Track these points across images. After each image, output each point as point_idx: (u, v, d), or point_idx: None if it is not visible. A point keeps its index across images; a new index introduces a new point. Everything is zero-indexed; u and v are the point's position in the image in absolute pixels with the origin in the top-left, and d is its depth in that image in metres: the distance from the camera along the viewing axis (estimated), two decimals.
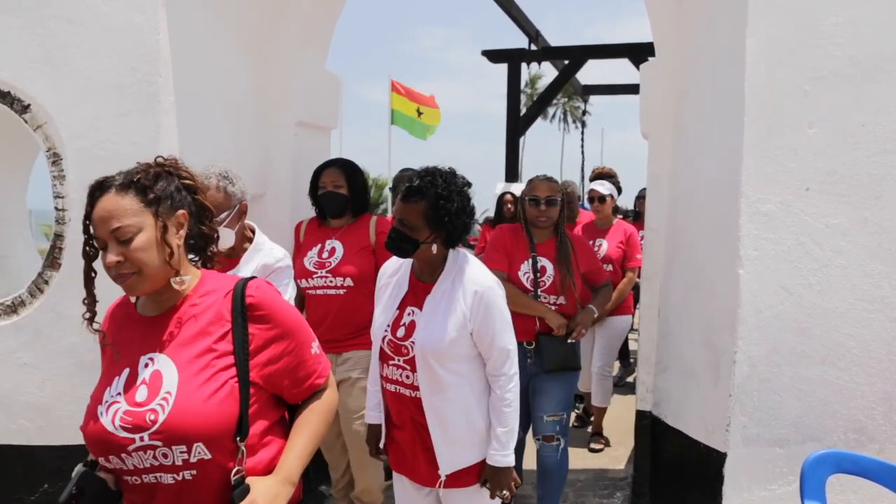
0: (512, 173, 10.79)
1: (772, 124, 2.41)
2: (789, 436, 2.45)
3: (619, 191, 4.66)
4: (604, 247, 4.26)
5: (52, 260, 2.76)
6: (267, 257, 2.46)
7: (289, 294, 2.49)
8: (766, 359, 2.44)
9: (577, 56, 10.33)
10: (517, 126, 10.81)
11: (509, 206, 5.37)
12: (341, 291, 2.84)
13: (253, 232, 2.55)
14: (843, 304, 2.41)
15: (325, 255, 2.90)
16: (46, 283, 2.77)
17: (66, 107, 2.70)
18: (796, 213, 2.41)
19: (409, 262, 2.16)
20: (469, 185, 2.07)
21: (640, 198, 5.85)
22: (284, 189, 3.48)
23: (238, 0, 3.18)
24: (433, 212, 1.98)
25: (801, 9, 2.38)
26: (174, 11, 2.71)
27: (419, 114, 11.54)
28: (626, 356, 6.08)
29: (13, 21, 2.70)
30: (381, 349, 2.10)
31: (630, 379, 5.84)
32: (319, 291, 2.87)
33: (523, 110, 11.53)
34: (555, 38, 10.43)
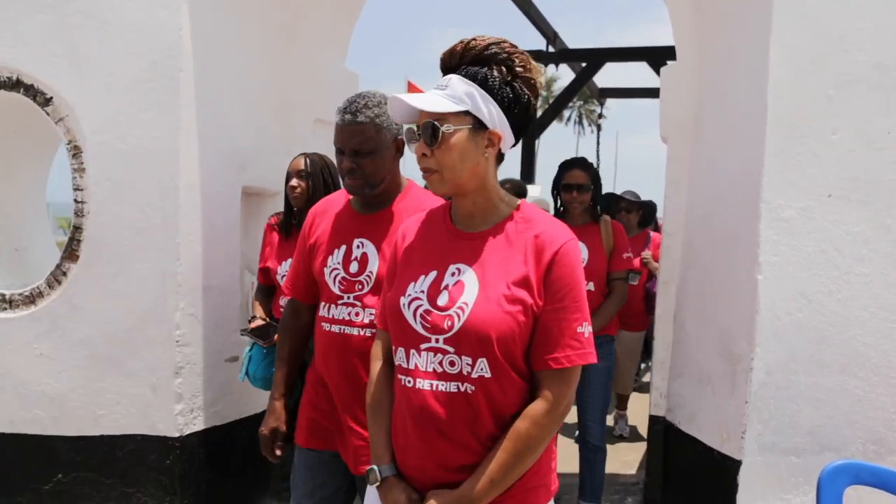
0: (527, 175, 10.78)
1: (794, 130, 2.38)
2: (806, 445, 2.41)
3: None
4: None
5: (71, 252, 2.78)
6: None
7: None
8: (784, 366, 2.41)
9: (595, 58, 10.28)
10: (533, 128, 10.81)
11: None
12: None
13: None
14: (863, 312, 2.37)
15: None
16: (64, 274, 2.79)
17: (87, 100, 2.72)
18: (817, 219, 2.38)
19: None
20: None
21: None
22: None
23: None
24: None
25: (826, 15, 2.35)
26: (196, 8, 2.72)
27: None
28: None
29: (38, 15, 2.73)
30: None
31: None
32: None
33: (539, 112, 11.53)
34: (568, 43, 10.37)
